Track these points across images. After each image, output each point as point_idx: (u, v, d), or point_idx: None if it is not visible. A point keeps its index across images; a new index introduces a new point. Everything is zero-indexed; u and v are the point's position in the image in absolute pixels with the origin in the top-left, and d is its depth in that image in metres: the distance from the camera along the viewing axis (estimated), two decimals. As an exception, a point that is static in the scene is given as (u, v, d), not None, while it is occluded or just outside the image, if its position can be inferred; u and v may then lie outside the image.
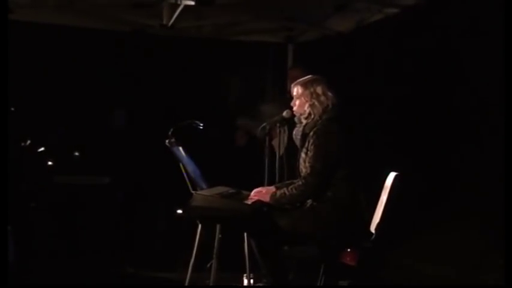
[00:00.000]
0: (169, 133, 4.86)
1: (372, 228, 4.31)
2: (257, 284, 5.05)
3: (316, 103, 4.43)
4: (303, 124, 4.52)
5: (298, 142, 4.58)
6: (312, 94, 4.45)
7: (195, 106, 7.30)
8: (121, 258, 6.38)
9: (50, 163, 6.47)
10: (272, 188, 4.57)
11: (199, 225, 4.88)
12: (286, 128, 4.96)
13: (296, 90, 4.54)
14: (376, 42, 6.92)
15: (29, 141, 5.88)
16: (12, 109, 5.79)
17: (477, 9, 5.89)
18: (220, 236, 4.72)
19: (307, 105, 4.46)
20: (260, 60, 8.12)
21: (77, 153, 7.06)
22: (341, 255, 4.22)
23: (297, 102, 4.53)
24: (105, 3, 6.60)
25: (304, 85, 4.51)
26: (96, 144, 7.41)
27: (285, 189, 4.40)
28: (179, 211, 6.98)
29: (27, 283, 5.33)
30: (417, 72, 6.57)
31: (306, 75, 4.60)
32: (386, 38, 6.82)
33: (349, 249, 4.21)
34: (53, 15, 6.75)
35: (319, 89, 4.45)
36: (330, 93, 4.46)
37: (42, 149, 6.10)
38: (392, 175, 4.35)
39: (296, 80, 4.63)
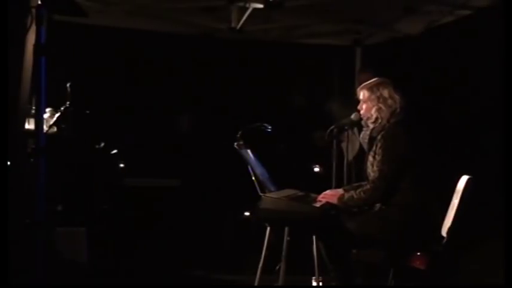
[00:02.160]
0: (238, 136, 4.90)
1: (444, 232, 4.25)
2: (326, 287, 5.03)
3: (383, 107, 4.38)
4: (370, 128, 4.48)
5: (365, 146, 4.55)
6: (378, 98, 4.40)
7: (263, 108, 7.34)
8: (190, 260, 6.44)
9: (121, 165, 6.58)
10: (340, 190, 4.56)
11: (268, 228, 4.89)
12: (356, 130, 4.94)
13: (362, 94, 4.50)
14: (446, 45, 6.82)
15: (103, 144, 6.00)
16: (87, 112, 5.93)
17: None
18: (288, 238, 4.72)
19: (374, 109, 4.41)
20: (327, 63, 8.11)
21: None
22: (410, 259, 4.17)
23: (364, 106, 4.49)
24: (175, 8, 6.71)
25: (370, 89, 4.45)
26: (166, 147, 7.51)
27: (352, 192, 4.38)
28: (247, 213, 7.01)
29: (99, 283, 5.43)
30: (490, 75, 6.44)
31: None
32: (457, 40, 6.71)
33: (418, 253, 4.16)
34: (125, 20, 6.89)
35: (385, 93, 4.40)
36: (397, 96, 4.40)
37: (115, 151, 6.21)
38: (464, 178, 4.28)
39: (365, 84, 4.60)
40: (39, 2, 3.39)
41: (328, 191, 4.59)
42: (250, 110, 7.43)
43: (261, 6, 6.30)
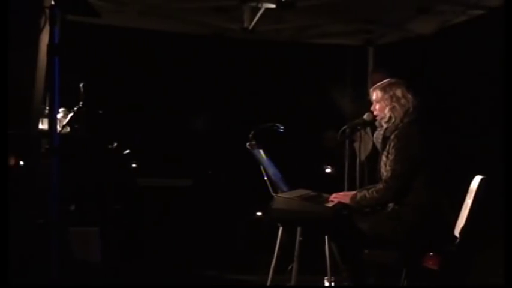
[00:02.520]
0: (250, 136, 4.90)
1: (457, 233, 4.23)
2: (338, 287, 5.02)
3: (396, 106, 4.38)
4: (384, 128, 4.47)
5: (379, 145, 4.55)
6: (391, 97, 4.40)
7: (275, 109, 7.33)
8: (203, 260, 6.45)
9: (134, 165, 6.60)
10: (353, 192, 4.55)
11: (280, 228, 4.89)
12: (369, 130, 4.92)
13: (375, 94, 4.50)
14: (459, 45, 6.79)
15: (115, 144, 6.02)
16: (100, 112, 5.95)
17: None
18: (301, 238, 4.72)
19: (387, 109, 4.41)
20: (340, 63, 8.10)
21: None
22: (423, 259, 4.16)
23: (377, 106, 4.49)
24: (187, 8, 6.72)
25: (383, 89, 4.46)
26: (179, 147, 7.52)
27: (365, 191, 4.37)
28: (259, 213, 7.01)
29: (112, 283, 5.44)
30: (503, 74, 6.41)
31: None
32: (470, 40, 6.69)
33: (431, 253, 4.15)
34: (137, 20, 6.91)
35: (398, 92, 4.40)
36: (410, 96, 4.40)
37: (127, 151, 6.23)
38: (478, 178, 4.27)
39: (378, 84, 4.59)
40: (53, 3, 3.40)
41: (341, 193, 4.58)
42: (262, 110, 7.43)
43: (273, 6, 6.31)
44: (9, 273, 3.41)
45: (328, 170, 7.31)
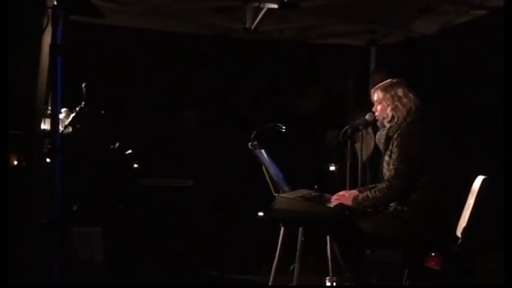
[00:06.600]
0: (252, 136, 4.90)
1: (458, 233, 4.23)
2: (340, 287, 5.03)
3: (399, 106, 4.38)
4: (387, 127, 4.47)
5: (381, 146, 4.54)
6: (393, 97, 4.39)
7: (277, 109, 7.34)
8: (205, 260, 6.45)
9: (135, 165, 6.60)
10: (354, 192, 4.55)
11: (282, 228, 4.89)
12: (370, 131, 4.91)
13: (376, 95, 4.49)
14: (462, 45, 6.78)
15: (117, 144, 6.03)
16: (102, 112, 5.95)
17: None
18: (302, 238, 4.72)
19: (389, 108, 4.40)
20: (342, 63, 8.10)
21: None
22: (425, 260, 4.16)
23: (379, 107, 4.48)
24: (190, 8, 6.73)
25: (385, 89, 4.45)
26: (180, 147, 7.53)
27: (367, 192, 4.36)
28: (261, 214, 7.01)
29: (114, 283, 5.45)
30: (506, 74, 6.40)
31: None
32: (473, 40, 6.68)
33: (433, 254, 4.15)
34: (140, 20, 6.92)
35: (400, 92, 4.40)
36: (411, 95, 4.40)
37: (129, 151, 6.23)
38: (480, 179, 4.27)
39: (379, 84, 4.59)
40: (55, 3, 3.40)
41: (342, 192, 4.58)
42: (264, 110, 7.43)
43: (275, 6, 6.31)
44: (10, 273, 3.41)
45: (332, 168, 7.32)
